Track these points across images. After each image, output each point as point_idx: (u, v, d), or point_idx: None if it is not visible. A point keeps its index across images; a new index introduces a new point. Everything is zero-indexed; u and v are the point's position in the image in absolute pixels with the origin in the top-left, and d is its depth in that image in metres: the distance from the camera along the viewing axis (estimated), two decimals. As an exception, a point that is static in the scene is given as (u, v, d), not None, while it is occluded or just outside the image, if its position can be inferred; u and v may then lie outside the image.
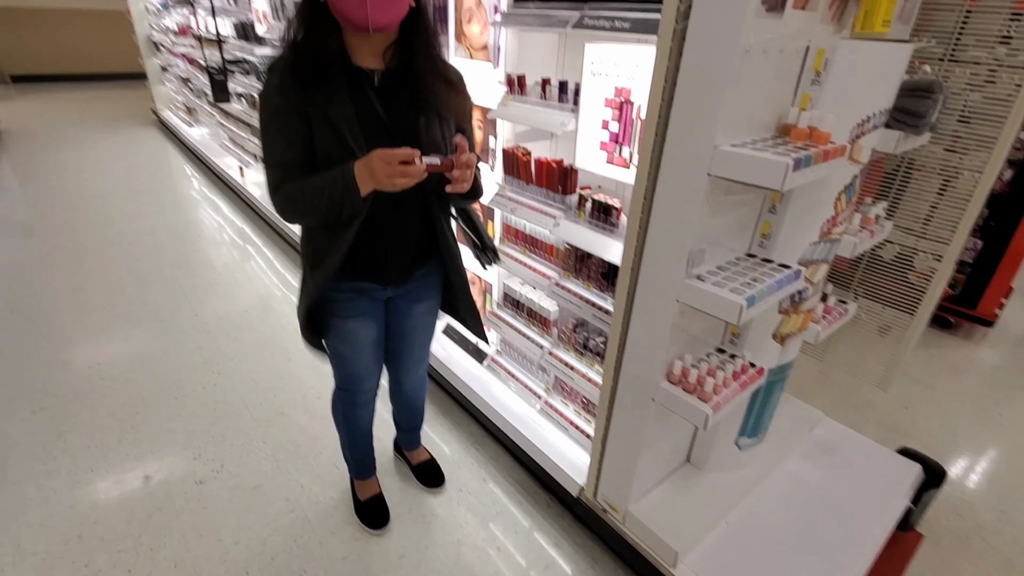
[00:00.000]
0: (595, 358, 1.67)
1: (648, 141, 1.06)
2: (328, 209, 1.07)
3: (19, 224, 3.91)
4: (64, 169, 5.12)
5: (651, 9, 1.16)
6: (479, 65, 1.69)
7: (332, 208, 1.06)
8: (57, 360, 2.42)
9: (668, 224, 1.09)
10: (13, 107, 7.61)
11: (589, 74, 1.33)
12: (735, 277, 1.12)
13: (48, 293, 2.98)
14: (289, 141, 1.08)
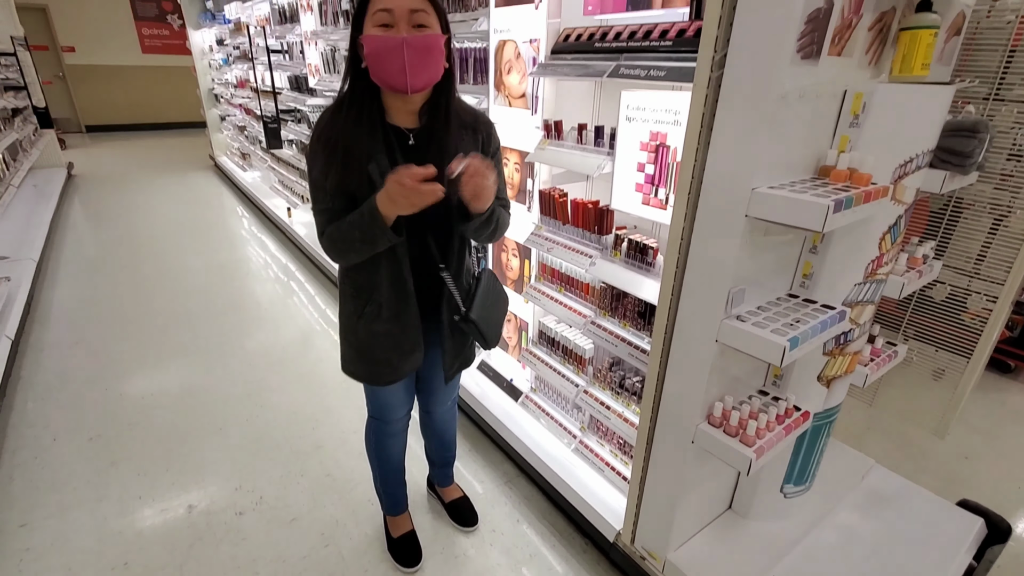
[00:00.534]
0: (631, 398, 1.65)
1: (684, 183, 1.08)
2: (363, 242, 1.12)
3: (88, 260, 4.20)
4: (129, 210, 5.50)
5: (686, 59, 1.20)
6: (517, 112, 1.77)
7: (366, 240, 1.12)
8: (115, 390, 2.55)
9: (706, 264, 1.09)
10: (87, 154, 8.29)
11: (625, 119, 1.37)
12: (777, 318, 1.10)
13: (110, 326, 3.16)
14: (332, 192, 1.15)
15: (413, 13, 1.04)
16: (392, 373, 1.35)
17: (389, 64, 1.05)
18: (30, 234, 4.17)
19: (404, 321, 1.28)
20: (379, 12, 1.05)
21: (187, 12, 7.17)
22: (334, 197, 1.15)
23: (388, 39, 1.04)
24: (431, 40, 1.06)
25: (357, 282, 1.28)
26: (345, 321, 1.35)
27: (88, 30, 9.70)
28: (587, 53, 1.47)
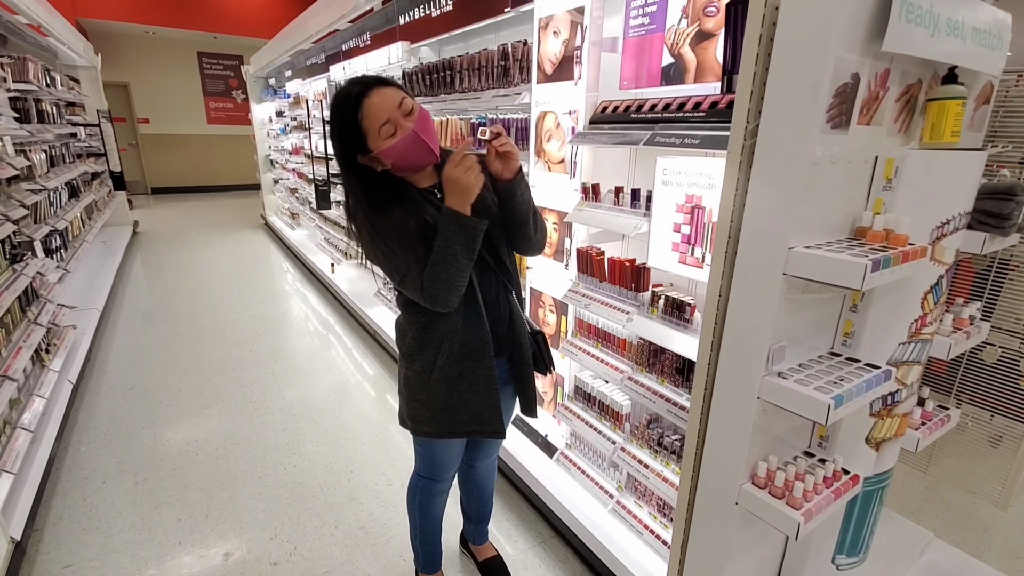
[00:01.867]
0: (670, 456, 1.62)
1: (721, 243, 1.13)
2: (463, 247, 1.16)
3: (145, 311, 4.46)
4: (185, 265, 5.86)
5: (719, 128, 1.28)
6: (557, 176, 1.87)
7: (460, 244, 1.16)
8: (163, 435, 2.64)
9: (745, 321, 1.12)
10: (151, 213, 8.95)
11: (660, 183, 1.45)
12: (819, 375, 1.10)
13: (162, 373, 3.31)
14: (411, 241, 1.20)
15: (400, 107, 1.15)
16: (472, 420, 1.35)
17: (416, 154, 1.17)
18: (97, 286, 4.48)
19: (480, 355, 1.30)
20: (383, 126, 1.14)
21: (251, 89, 7.90)
22: (412, 247, 1.19)
23: (405, 140, 1.15)
24: (424, 113, 1.19)
25: (428, 334, 1.30)
26: (414, 381, 1.34)
27: (162, 104, 10.74)
28: (623, 123, 1.57)
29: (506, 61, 2.10)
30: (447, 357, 1.29)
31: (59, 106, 4.84)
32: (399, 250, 1.20)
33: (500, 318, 1.36)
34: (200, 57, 11.00)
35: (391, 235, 1.19)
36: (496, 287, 1.35)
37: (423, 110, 1.19)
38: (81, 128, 5.68)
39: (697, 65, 1.46)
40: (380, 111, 1.13)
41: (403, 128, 1.14)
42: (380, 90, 1.14)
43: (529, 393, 1.45)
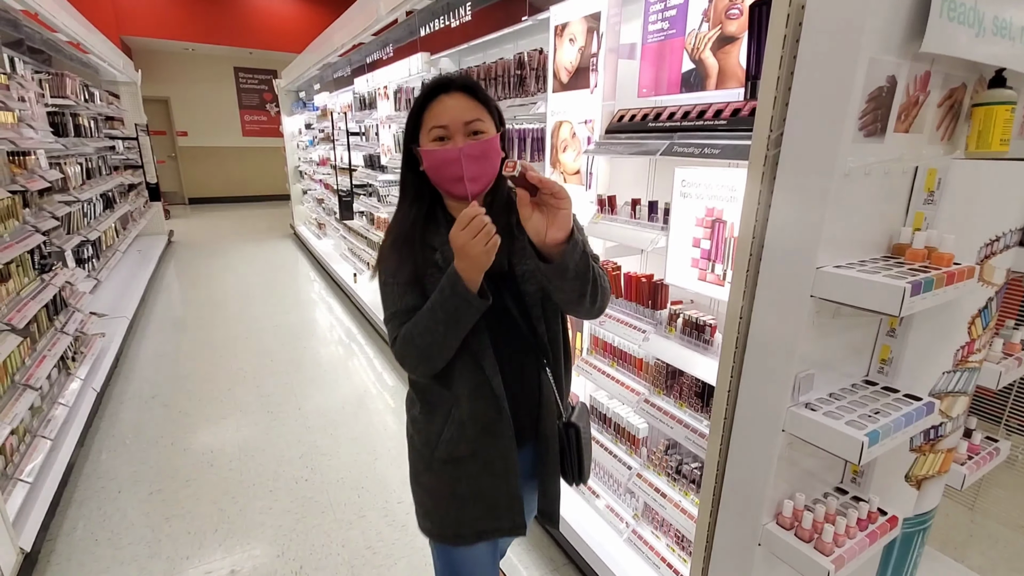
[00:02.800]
0: (690, 486, 1.52)
1: (742, 260, 1.04)
2: (447, 322, 0.96)
3: (175, 319, 4.55)
4: (216, 273, 5.99)
5: (741, 137, 1.19)
6: (572, 188, 1.81)
7: (450, 317, 0.96)
8: (180, 445, 2.66)
9: (768, 345, 1.03)
10: (187, 223, 9.23)
11: (679, 195, 1.37)
12: (852, 407, 1.00)
13: (185, 382, 3.36)
14: (405, 284, 1.04)
15: (468, 124, 1.01)
16: (485, 514, 1.11)
17: (448, 174, 1.01)
18: (128, 294, 4.60)
19: (497, 432, 1.07)
20: (434, 128, 1.02)
21: (282, 101, 8.09)
22: (405, 292, 1.04)
23: (446, 152, 0.99)
24: (488, 146, 1.01)
25: (428, 400, 1.12)
26: (415, 461, 1.16)
27: (200, 117, 11.13)
28: (641, 132, 1.50)
29: (522, 70, 2.06)
30: (456, 429, 1.08)
31: (97, 120, 5.02)
32: (391, 284, 1.05)
33: (526, 399, 1.12)
34: (236, 72, 11.37)
35: (397, 237, 1.07)
36: (523, 359, 1.11)
37: (492, 146, 1.02)
38: (119, 141, 5.89)
39: (719, 71, 1.38)
40: (443, 114, 1.01)
41: (453, 142, 1.01)
42: (460, 96, 1.02)
43: (551, 494, 1.16)
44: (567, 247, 0.94)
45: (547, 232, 0.92)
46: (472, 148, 1.00)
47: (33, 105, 3.38)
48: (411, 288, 1.04)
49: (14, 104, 2.71)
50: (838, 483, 1.23)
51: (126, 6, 8.98)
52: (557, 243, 0.94)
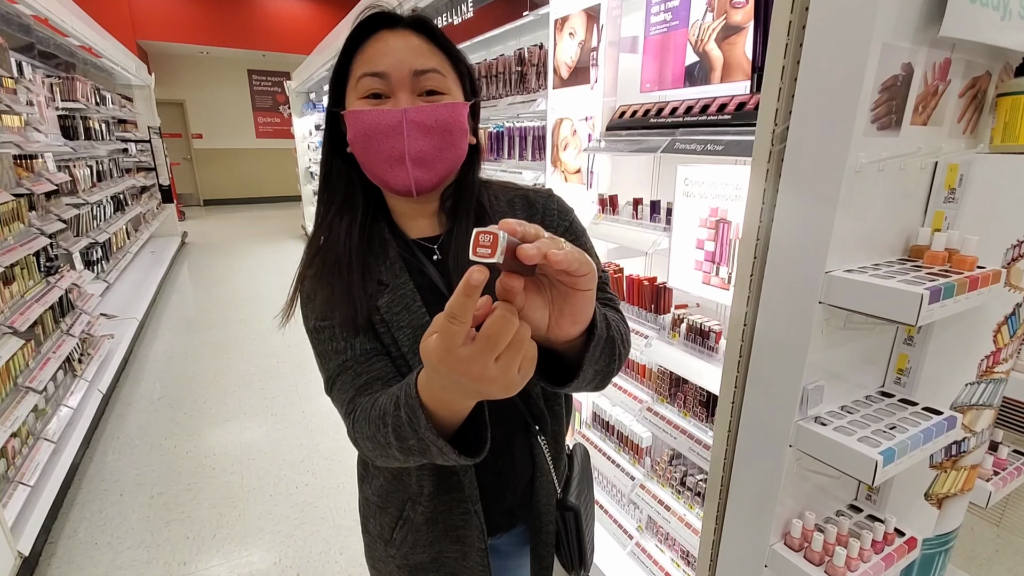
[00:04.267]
0: (695, 499, 1.46)
1: (746, 263, 0.98)
2: (394, 442, 0.60)
3: (186, 319, 4.58)
4: (228, 273, 6.03)
5: (746, 132, 1.13)
6: (573, 188, 1.75)
7: (407, 450, 0.60)
8: (183, 448, 2.65)
9: (774, 354, 0.96)
10: (201, 224, 9.33)
11: (682, 195, 1.30)
12: (866, 422, 0.93)
13: (191, 383, 3.36)
14: (344, 329, 0.74)
15: (419, 76, 0.69)
16: None
17: (382, 151, 0.69)
18: (139, 295, 4.64)
19: (464, 538, 0.82)
20: (365, 78, 0.69)
21: (294, 103, 8.13)
22: (347, 336, 0.73)
23: (380, 115, 0.68)
24: (447, 113, 0.70)
25: (381, 486, 0.86)
26: (369, 543, 0.92)
27: (214, 120, 11.25)
28: (642, 129, 1.43)
29: (522, 66, 2.00)
30: (411, 533, 0.83)
31: (109, 123, 5.07)
32: (326, 329, 0.75)
33: (514, 479, 0.85)
34: (250, 74, 11.47)
35: (322, 265, 0.75)
36: (510, 429, 0.82)
37: (455, 116, 0.71)
38: (132, 144, 5.95)
39: (724, 63, 1.31)
40: (380, 57, 0.68)
41: (394, 100, 0.69)
42: (408, 35, 0.70)
43: (544, 566, 0.89)
44: (589, 348, 0.56)
45: (555, 328, 0.49)
46: (422, 113, 0.68)
47: (43, 109, 3.41)
48: (354, 330, 0.73)
49: (21, 108, 2.73)
50: (852, 500, 1.15)
51: (142, 11, 9.10)
52: (569, 340, 0.52)
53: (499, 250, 0.39)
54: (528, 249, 0.40)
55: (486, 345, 0.42)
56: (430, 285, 0.77)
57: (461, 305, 0.40)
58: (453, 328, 0.41)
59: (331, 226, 0.77)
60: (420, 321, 0.75)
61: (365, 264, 0.75)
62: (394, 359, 0.76)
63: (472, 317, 0.41)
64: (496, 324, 0.42)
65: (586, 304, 0.48)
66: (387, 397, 0.63)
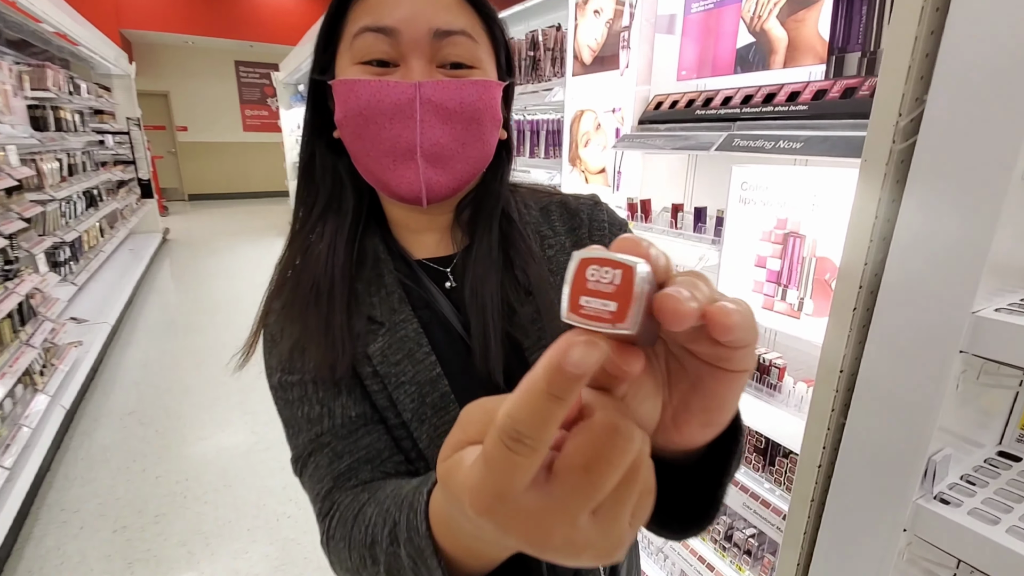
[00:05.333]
0: (743, 557, 1.25)
1: (847, 295, 0.76)
2: None
3: (164, 323, 4.31)
4: (212, 273, 5.75)
5: (831, 126, 0.91)
6: (596, 190, 1.53)
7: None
8: (153, 472, 2.40)
9: (888, 413, 0.75)
10: (185, 219, 9.02)
11: (738, 201, 1.09)
12: (1003, 500, 0.72)
13: (165, 396, 3.10)
14: (322, 383, 0.54)
15: (441, 38, 0.50)
16: None
17: (382, 143, 0.51)
18: (113, 297, 4.36)
19: None
20: (366, 34, 0.50)
21: (281, 95, 7.85)
22: (328, 399, 0.53)
23: (384, 88, 0.49)
24: (477, 93, 0.52)
25: None
26: None
27: (200, 112, 10.89)
28: (685, 123, 1.22)
29: (535, 51, 1.78)
30: None
31: (83, 114, 4.78)
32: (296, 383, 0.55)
33: None
34: (237, 66, 11.12)
35: (301, 292, 0.55)
36: None
37: (485, 97, 0.52)
38: (109, 136, 5.65)
39: (789, 43, 1.09)
40: (388, 6, 0.49)
41: (404, 70, 0.50)
42: None
43: None
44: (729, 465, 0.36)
45: (671, 430, 0.28)
46: (443, 90, 0.50)
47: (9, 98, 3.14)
48: (335, 388, 0.53)
49: (-26, 94, 2.46)
50: None
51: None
52: (687, 450, 0.30)
53: (635, 306, 0.20)
54: (678, 302, 0.20)
55: (580, 489, 0.21)
56: (441, 323, 0.57)
57: (539, 415, 0.19)
58: (516, 459, 0.20)
59: (308, 238, 0.57)
60: (428, 375, 0.54)
61: (352, 293, 0.55)
62: (391, 428, 0.54)
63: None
64: (600, 447, 0.21)
65: (734, 394, 0.27)
66: (380, 514, 0.43)
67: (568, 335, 0.20)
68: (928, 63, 0.65)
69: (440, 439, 0.53)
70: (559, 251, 0.60)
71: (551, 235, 0.61)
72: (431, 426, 0.53)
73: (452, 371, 0.54)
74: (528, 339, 0.55)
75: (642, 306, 0.20)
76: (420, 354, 0.54)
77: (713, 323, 0.21)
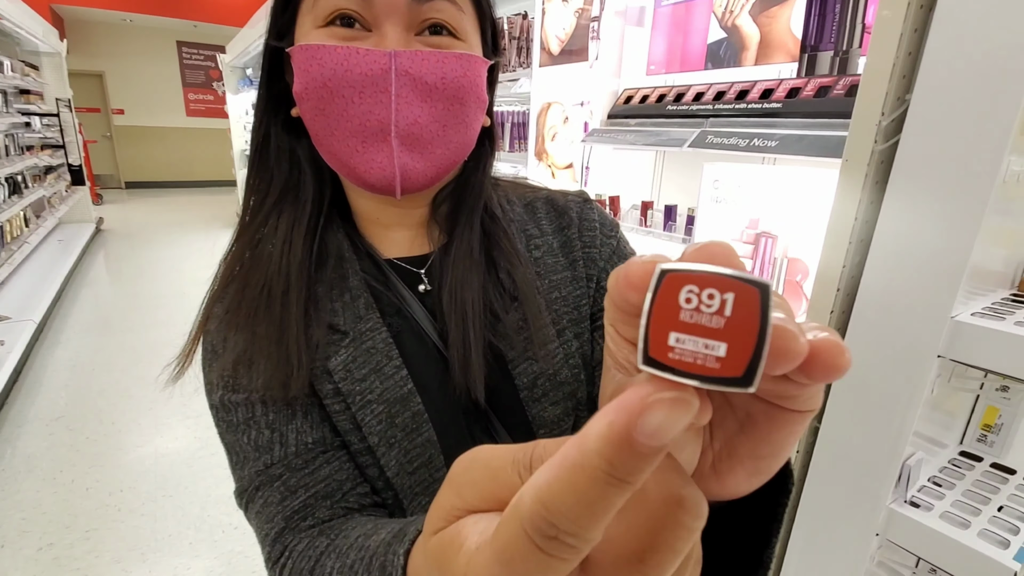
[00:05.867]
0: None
1: (824, 297, 0.75)
2: None
3: (98, 320, 4.00)
4: (151, 266, 5.40)
5: (803, 125, 0.90)
6: (563, 185, 1.49)
7: None
8: (83, 483, 2.21)
9: (863, 418, 0.74)
10: (122, 209, 8.45)
11: (709, 200, 1.07)
12: (970, 503, 0.73)
13: (98, 399, 2.88)
14: (278, 412, 0.47)
15: (422, 2, 0.44)
16: None
17: (349, 120, 0.44)
18: (40, 292, 4.02)
19: None
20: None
21: (228, 79, 7.45)
22: (280, 422, 0.47)
23: (351, 57, 0.43)
24: (461, 68, 0.46)
25: None
26: None
27: (138, 95, 10.23)
28: (656, 118, 1.19)
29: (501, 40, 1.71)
30: None
31: (6, 94, 4.37)
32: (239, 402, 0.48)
33: None
34: (180, 46, 10.50)
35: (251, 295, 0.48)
36: None
37: (470, 74, 0.46)
38: (36, 118, 5.20)
39: (760, 40, 1.08)
40: None
41: (376, 38, 0.44)
42: None
43: None
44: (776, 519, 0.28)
45: (715, 476, 0.22)
46: (422, 61, 0.44)
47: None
48: (288, 410, 0.47)
49: None
50: (913, 575, 0.96)
51: (53, -31, 8.08)
52: (730, 499, 0.23)
53: (761, 349, 0.14)
54: (794, 339, 0.15)
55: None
56: (413, 332, 0.51)
57: (590, 505, 0.14)
58: (549, 562, 0.14)
59: (260, 230, 0.50)
60: (398, 392, 0.47)
61: (311, 297, 0.48)
62: (355, 453, 0.48)
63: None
64: (661, 529, 0.16)
65: (793, 438, 0.21)
66: (342, 570, 0.36)
67: (640, 388, 0.14)
68: (911, 61, 0.64)
69: (411, 464, 0.47)
70: (546, 252, 0.55)
71: (538, 235, 0.56)
72: (401, 451, 0.47)
73: (426, 387, 0.48)
74: (513, 350, 0.50)
75: (767, 345, 0.14)
76: (389, 368, 0.48)
77: (819, 363, 0.15)
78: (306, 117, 0.46)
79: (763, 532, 0.28)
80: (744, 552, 0.29)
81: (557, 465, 0.14)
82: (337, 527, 0.43)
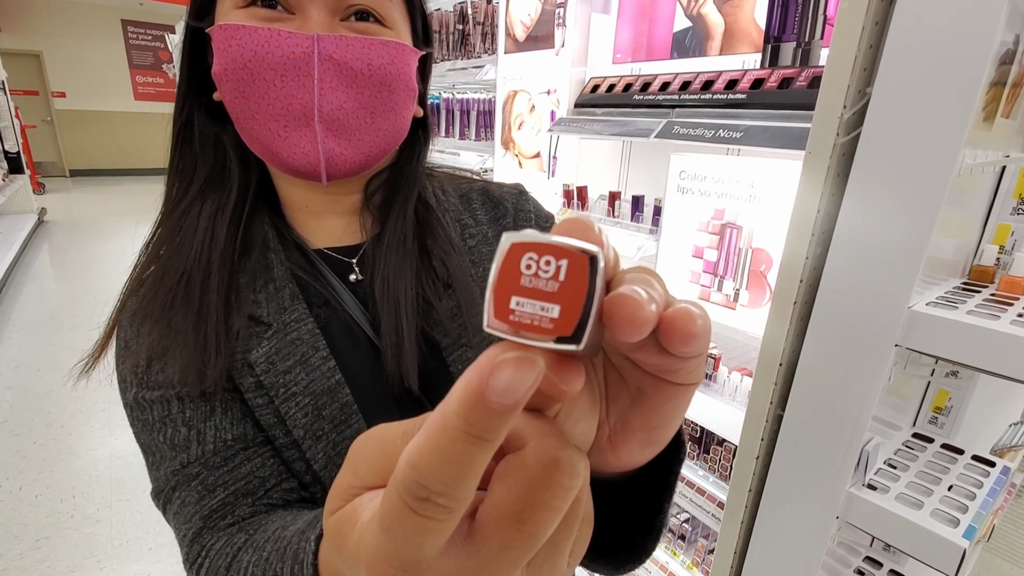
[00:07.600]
0: (678, 543, 1.27)
1: (788, 288, 0.76)
2: None
3: (44, 317, 3.79)
4: (99, 259, 5.13)
5: (768, 116, 0.90)
6: (530, 175, 1.47)
7: None
8: (31, 490, 2.10)
9: (824, 406, 0.75)
10: (67, 199, 7.99)
11: (676, 191, 1.07)
12: (923, 484, 0.76)
13: (44, 401, 2.73)
14: (196, 408, 0.45)
15: None
16: None
17: (271, 104, 0.43)
18: (-24, 288, 3.77)
19: None
20: None
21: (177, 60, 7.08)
22: (197, 418, 0.44)
23: (272, 39, 0.42)
24: (387, 55, 0.45)
25: None
26: None
27: (81, 77, 9.63)
28: (623, 107, 1.18)
29: (464, 25, 1.67)
30: None
31: (-73, 72, 4.04)
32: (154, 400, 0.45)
33: None
34: (125, 25, 9.91)
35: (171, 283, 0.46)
36: None
37: (397, 62, 0.45)
38: (-36, 100, 4.84)
39: (725, 30, 1.08)
40: None
41: (299, 21, 0.43)
42: None
43: None
44: (668, 488, 0.30)
45: (609, 449, 0.24)
46: (346, 46, 0.43)
47: None
48: (206, 405, 0.45)
49: None
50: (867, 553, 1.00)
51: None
52: (626, 471, 0.25)
53: (589, 310, 0.15)
54: (638, 306, 0.16)
55: (513, 544, 0.16)
56: (343, 323, 0.49)
57: (455, 464, 0.15)
58: (425, 523, 0.15)
59: (182, 219, 0.48)
60: (325, 383, 0.46)
61: (233, 286, 0.46)
62: (280, 448, 0.46)
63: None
64: (537, 489, 0.16)
65: (680, 409, 0.23)
66: (258, 563, 0.35)
67: (491, 350, 0.15)
68: (872, 54, 0.65)
69: (340, 457, 0.46)
70: (481, 241, 0.55)
71: (472, 224, 0.56)
72: (329, 443, 0.46)
73: (357, 378, 0.47)
74: (447, 337, 0.50)
75: (595, 311, 0.15)
76: (316, 359, 0.46)
77: (673, 331, 0.17)
78: (227, 100, 0.45)
79: (656, 499, 0.30)
80: (641, 518, 0.31)
81: (424, 429, 0.15)
82: (257, 523, 0.41)
